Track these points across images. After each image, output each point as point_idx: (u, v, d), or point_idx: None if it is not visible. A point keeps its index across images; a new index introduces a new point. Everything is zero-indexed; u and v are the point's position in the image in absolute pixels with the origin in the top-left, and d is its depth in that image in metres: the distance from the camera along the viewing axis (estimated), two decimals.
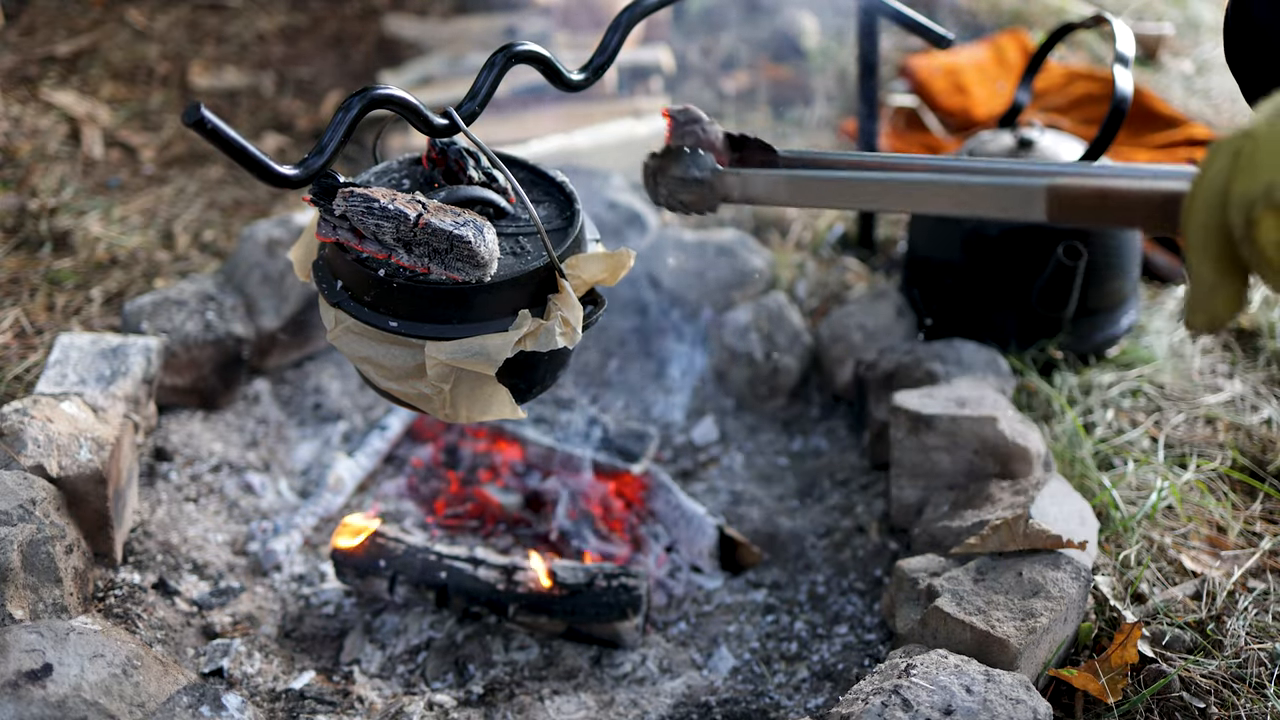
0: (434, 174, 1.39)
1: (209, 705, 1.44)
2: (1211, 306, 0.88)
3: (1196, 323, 0.89)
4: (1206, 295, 0.88)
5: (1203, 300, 0.88)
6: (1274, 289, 0.85)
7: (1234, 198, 0.83)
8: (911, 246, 2.37)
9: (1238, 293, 0.88)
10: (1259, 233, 0.81)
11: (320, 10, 3.96)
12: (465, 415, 1.28)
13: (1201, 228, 0.86)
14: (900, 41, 3.61)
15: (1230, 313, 0.89)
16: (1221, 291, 0.87)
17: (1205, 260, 0.87)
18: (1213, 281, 0.87)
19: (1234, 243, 0.85)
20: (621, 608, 1.76)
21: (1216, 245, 0.86)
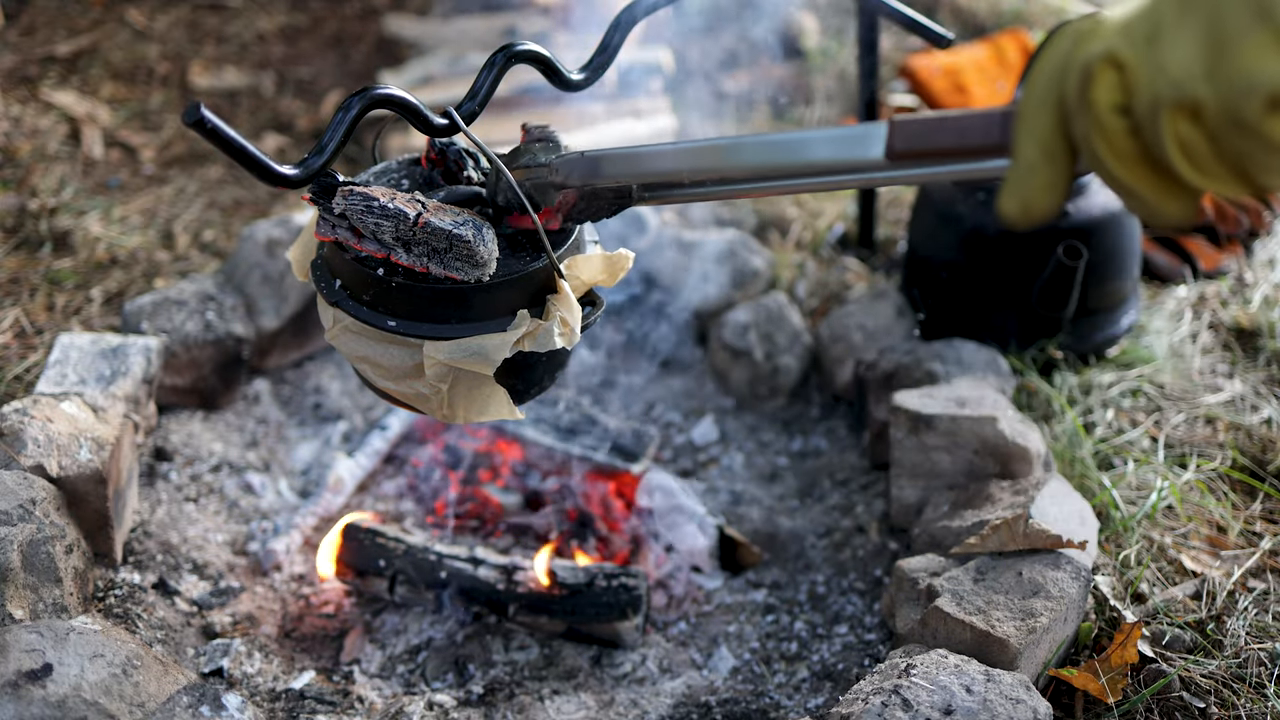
0: (433, 174, 1.39)
1: (209, 705, 1.44)
2: (1027, 190, 0.83)
3: (1008, 207, 0.84)
4: (1024, 176, 0.83)
5: (1019, 182, 0.83)
6: (1100, 171, 0.80)
7: (1073, 63, 0.80)
8: (911, 246, 2.37)
9: (1058, 179, 0.83)
10: (1094, 90, 0.77)
11: (320, 10, 3.96)
12: (463, 415, 1.28)
13: (1035, 103, 0.83)
14: (900, 41, 3.61)
15: (1045, 202, 0.83)
16: (1041, 174, 0.83)
17: (1031, 138, 0.83)
18: (1034, 161, 0.83)
19: (1065, 121, 0.81)
20: (621, 608, 1.76)
21: (1047, 122, 0.82)
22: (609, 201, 1.25)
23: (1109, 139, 0.78)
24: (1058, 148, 0.82)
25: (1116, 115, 0.77)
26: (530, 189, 1.27)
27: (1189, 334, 2.31)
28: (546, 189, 1.26)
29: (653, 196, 1.25)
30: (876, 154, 0.99)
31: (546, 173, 1.25)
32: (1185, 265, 2.52)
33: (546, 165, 1.26)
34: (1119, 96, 0.77)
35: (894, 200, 2.85)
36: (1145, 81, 0.75)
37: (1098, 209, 2.14)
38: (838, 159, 1.05)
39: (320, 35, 3.80)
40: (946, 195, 2.24)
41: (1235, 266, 2.53)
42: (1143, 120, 0.76)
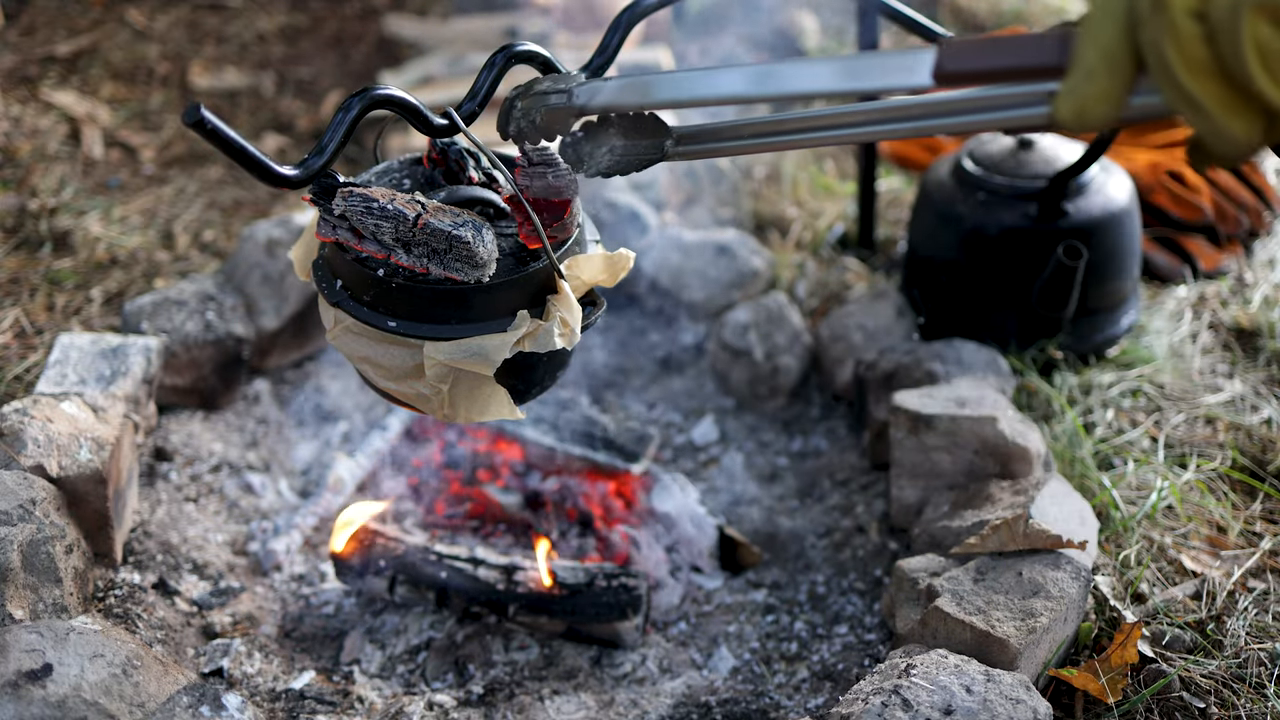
0: (434, 174, 1.39)
1: (209, 705, 1.45)
2: (1084, 95, 0.80)
3: (1062, 110, 0.81)
4: (1082, 81, 0.80)
5: (1076, 86, 0.80)
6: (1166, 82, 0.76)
7: None
8: (911, 246, 2.37)
9: (1116, 89, 0.80)
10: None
11: (320, 10, 3.96)
12: (464, 416, 1.28)
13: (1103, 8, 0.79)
14: (900, 41, 3.61)
15: (1100, 111, 0.80)
16: (1100, 81, 0.80)
17: (1094, 42, 0.79)
18: (1094, 67, 0.80)
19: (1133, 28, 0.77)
20: (621, 608, 1.76)
21: (1113, 28, 0.79)
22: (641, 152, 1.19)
23: (1181, 45, 0.74)
24: (1122, 55, 0.79)
25: (1191, 20, 0.74)
26: (546, 115, 1.20)
27: (1189, 334, 2.31)
28: (565, 117, 1.19)
29: (687, 150, 1.19)
30: (923, 78, 0.94)
31: (565, 98, 1.18)
32: (1185, 265, 2.52)
33: (567, 90, 1.18)
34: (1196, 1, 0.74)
35: (894, 200, 2.85)
36: None
37: (1098, 209, 2.14)
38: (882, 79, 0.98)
39: (320, 35, 3.80)
40: (946, 195, 2.25)
41: (1235, 266, 2.53)
42: (1220, 25, 0.73)
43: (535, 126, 1.21)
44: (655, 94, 1.13)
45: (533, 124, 1.21)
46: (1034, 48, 0.88)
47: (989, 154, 2.24)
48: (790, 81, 1.06)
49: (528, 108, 1.21)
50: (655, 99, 1.13)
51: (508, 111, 1.24)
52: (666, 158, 1.21)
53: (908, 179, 2.95)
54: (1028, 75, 0.89)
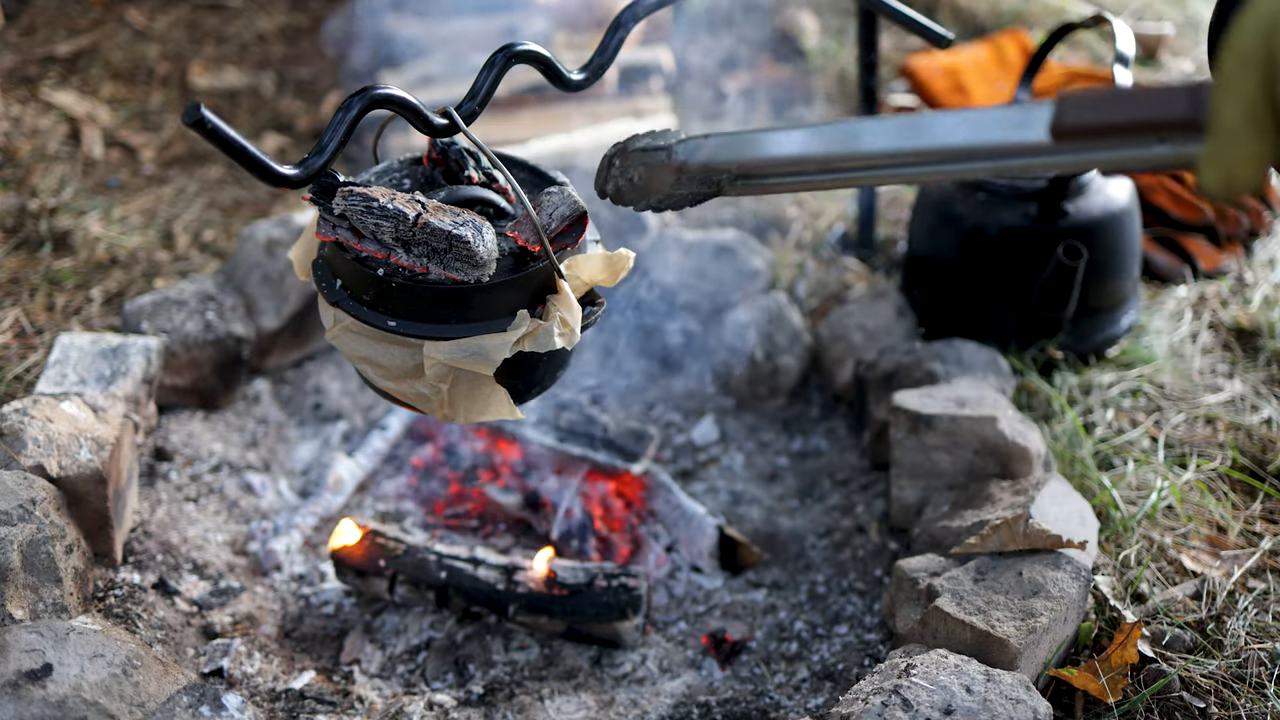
0: (434, 174, 1.39)
1: (209, 705, 1.44)
2: (1229, 161, 0.74)
3: (1210, 181, 0.75)
4: (1226, 146, 0.74)
5: (1220, 152, 0.74)
6: None
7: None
8: (911, 246, 2.37)
9: (1265, 150, 0.73)
10: None
11: (320, 10, 3.96)
12: (463, 416, 1.28)
13: (1239, 62, 0.73)
14: (900, 41, 3.61)
15: (1250, 175, 0.74)
16: (1246, 145, 0.73)
17: (1234, 101, 0.73)
18: (1237, 128, 0.73)
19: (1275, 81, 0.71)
20: (621, 608, 1.76)
21: (1253, 83, 0.72)
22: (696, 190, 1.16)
23: None
24: (1264, 113, 0.73)
25: None
26: (644, 173, 1.17)
27: (1189, 334, 2.31)
28: (662, 173, 1.17)
29: (746, 185, 1.15)
30: (1039, 135, 0.90)
31: (665, 155, 1.16)
32: (1185, 265, 2.52)
33: (666, 148, 1.16)
34: None
35: (894, 200, 2.85)
36: None
37: (1098, 209, 2.14)
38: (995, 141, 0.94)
39: (320, 35, 3.80)
40: (946, 195, 2.25)
41: (1235, 266, 2.53)
42: None
43: (634, 185, 1.19)
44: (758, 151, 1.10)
45: (630, 182, 1.19)
46: (1162, 101, 0.82)
47: None
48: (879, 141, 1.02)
49: (626, 166, 1.19)
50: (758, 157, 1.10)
51: (605, 170, 1.21)
52: (722, 193, 1.17)
53: None
54: (1155, 129, 0.83)
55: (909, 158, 1.01)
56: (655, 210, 1.22)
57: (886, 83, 3.30)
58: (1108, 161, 0.90)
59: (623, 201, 1.21)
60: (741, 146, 1.11)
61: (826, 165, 1.06)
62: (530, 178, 1.44)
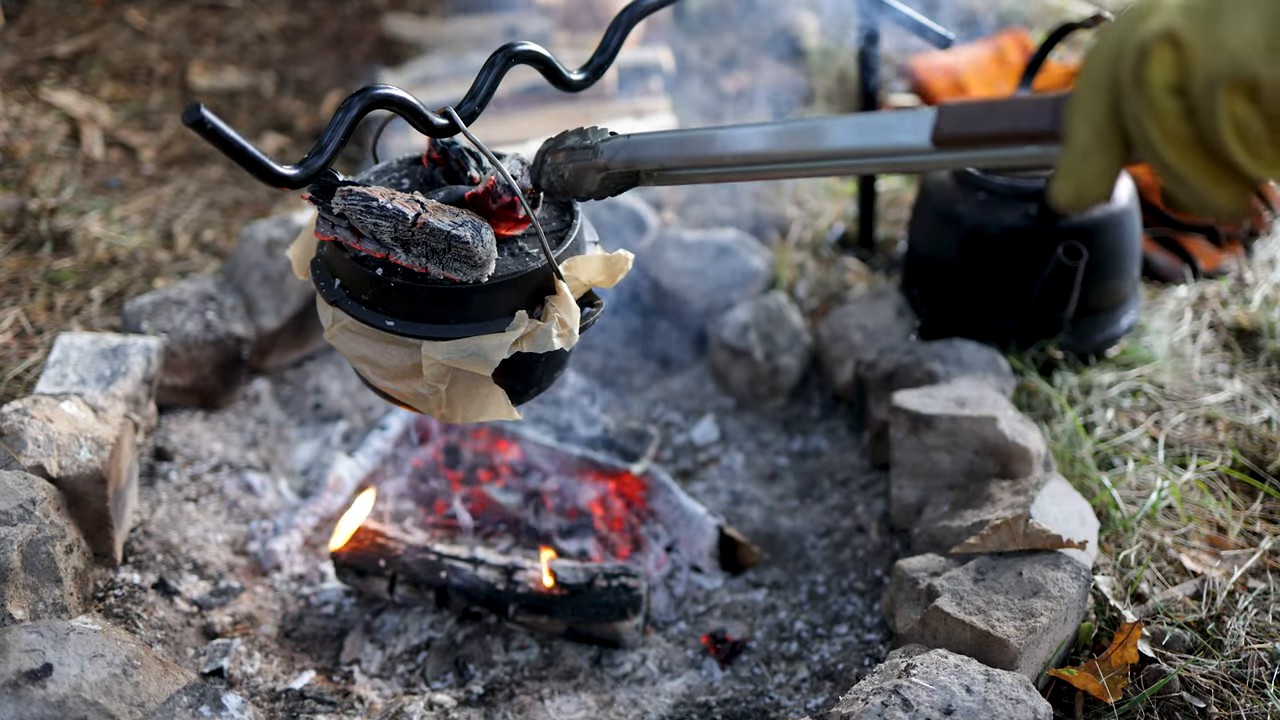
0: (434, 173, 1.39)
1: (209, 705, 1.44)
2: (1080, 175, 0.81)
3: (1061, 192, 0.82)
4: (1078, 162, 0.81)
5: (1073, 167, 0.81)
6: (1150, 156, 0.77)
7: (1129, 42, 0.77)
8: (911, 246, 2.37)
9: (1111, 167, 0.80)
10: (1149, 68, 0.74)
11: (320, 10, 3.96)
12: (462, 416, 1.28)
13: (1089, 84, 0.80)
14: (900, 41, 3.61)
15: (1098, 189, 0.81)
16: (1094, 161, 0.80)
17: (1085, 121, 0.80)
18: (1087, 147, 0.80)
19: (1119, 103, 0.78)
20: (621, 608, 1.76)
21: (1102, 105, 0.79)
22: (618, 181, 1.24)
23: (1161, 121, 0.75)
24: (1111, 133, 0.80)
25: (1171, 96, 0.75)
26: (572, 173, 1.26)
27: (1189, 334, 2.31)
28: (588, 172, 1.25)
29: (665, 177, 1.23)
30: (921, 140, 0.98)
31: (590, 155, 1.24)
32: (1185, 265, 2.51)
33: (591, 147, 1.24)
34: (1175, 76, 0.75)
35: (894, 200, 2.85)
36: (1203, 59, 0.73)
37: (1098, 209, 2.14)
38: (881, 144, 1.03)
39: (320, 35, 3.80)
40: (946, 195, 2.25)
41: (1235, 266, 2.53)
42: (1198, 101, 0.74)
43: (564, 180, 1.27)
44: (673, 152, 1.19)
45: (561, 178, 1.27)
46: (1029, 113, 0.90)
47: None
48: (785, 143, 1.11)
49: (556, 164, 1.27)
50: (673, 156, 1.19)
51: (539, 165, 1.29)
52: (641, 184, 1.25)
53: (908, 179, 2.95)
54: (1024, 140, 0.91)
55: (807, 157, 1.10)
56: (582, 201, 1.30)
57: (886, 83, 3.30)
58: (985, 161, 0.98)
59: (555, 195, 1.31)
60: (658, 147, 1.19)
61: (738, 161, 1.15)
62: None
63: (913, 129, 0.99)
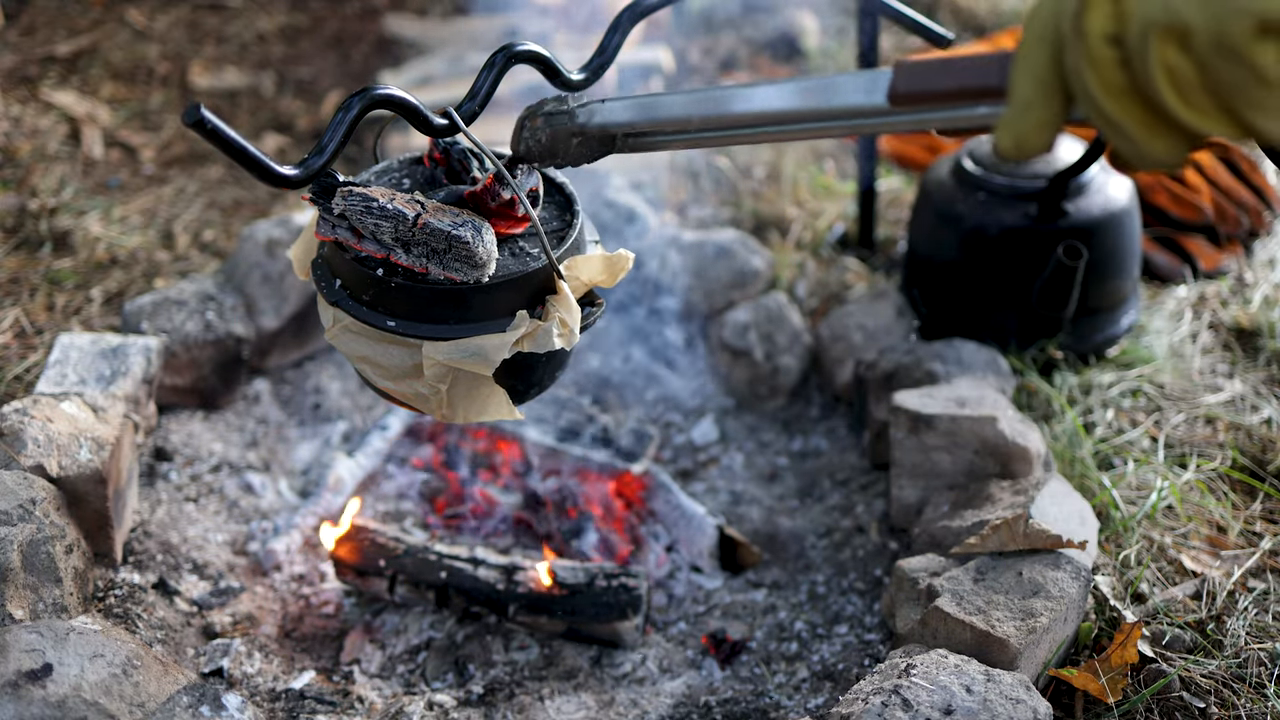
0: (435, 174, 1.39)
1: (209, 705, 1.44)
2: (1021, 127, 0.83)
3: (1002, 143, 0.84)
4: (1019, 113, 0.83)
5: (1014, 119, 0.83)
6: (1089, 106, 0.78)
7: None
8: (911, 246, 2.37)
9: (1052, 118, 0.82)
10: (1087, 18, 0.76)
11: (320, 10, 3.96)
12: (462, 416, 1.28)
13: (1033, 38, 0.81)
14: (900, 41, 3.61)
15: (1038, 140, 0.83)
16: (1035, 112, 0.82)
17: (1027, 73, 0.82)
18: (1029, 98, 0.82)
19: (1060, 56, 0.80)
20: (621, 608, 1.76)
21: (1043, 57, 0.81)
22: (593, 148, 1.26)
23: (1099, 70, 0.76)
24: (1053, 84, 0.81)
25: (1107, 45, 0.76)
26: (549, 137, 1.27)
27: (1189, 334, 2.31)
28: (565, 137, 1.26)
29: (638, 143, 1.26)
30: (879, 100, 1.00)
31: (567, 119, 1.26)
32: (1185, 265, 2.51)
33: (567, 111, 1.26)
34: (1112, 25, 0.76)
35: (894, 200, 2.85)
36: (1137, 6, 0.74)
37: (1098, 209, 2.14)
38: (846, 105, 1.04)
39: (320, 35, 3.80)
40: (946, 195, 2.25)
41: (1235, 266, 2.53)
42: (1133, 50, 0.75)
43: (541, 144, 1.28)
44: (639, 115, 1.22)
45: (539, 143, 1.28)
46: (978, 71, 0.92)
47: (989, 154, 2.24)
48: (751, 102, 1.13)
49: (535, 129, 1.28)
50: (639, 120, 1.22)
51: (518, 131, 1.30)
52: (616, 150, 1.27)
53: (908, 179, 2.95)
54: (974, 97, 0.93)
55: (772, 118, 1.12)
56: (558, 167, 1.32)
57: None
58: (940, 121, 1.00)
59: (533, 160, 1.32)
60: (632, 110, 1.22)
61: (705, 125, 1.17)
62: None
63: (868, 89, 1.01)
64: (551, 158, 1.29)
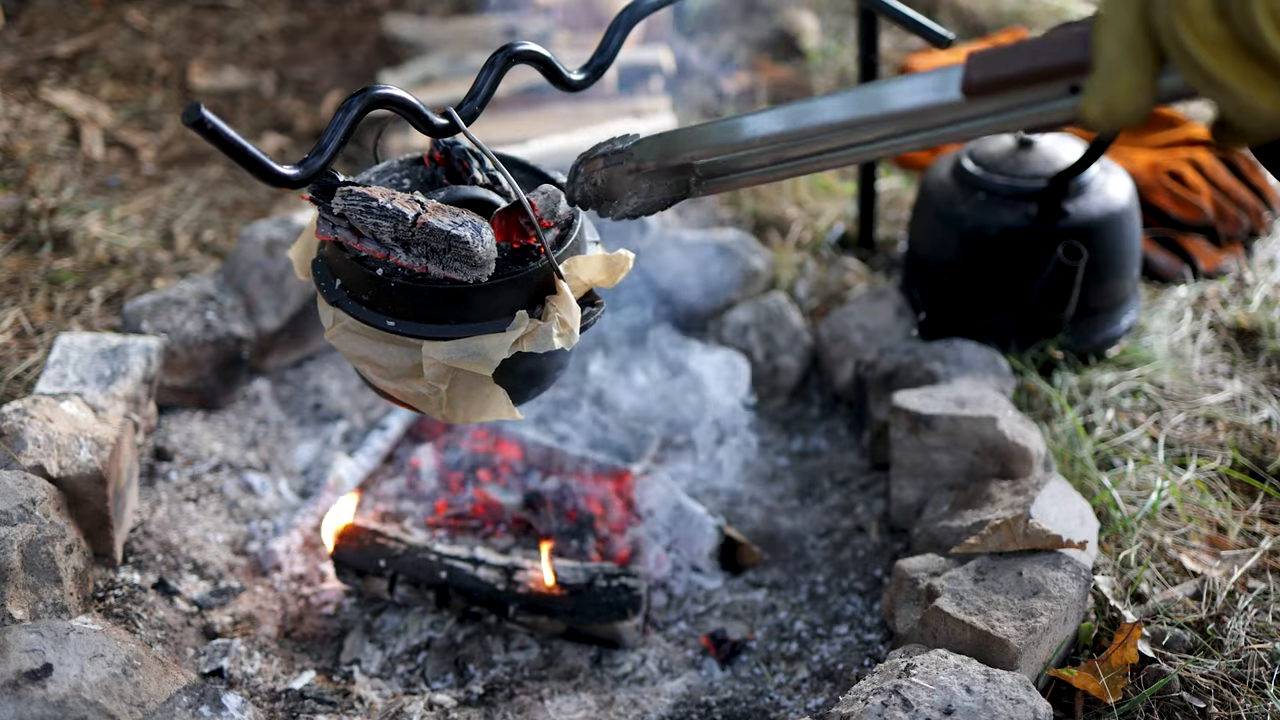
0: (436, 173, 1.39)
1: (209, 705, 1.44)
2: (1110, 92, 0.78)
3: (1090, 111, 0.80)
4: (1106, 77, 0.78)
5: (1102, 84, 0.79)
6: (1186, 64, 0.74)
7: None
8: (911, 246, 2.37)
9: (1142, 80, 0.77)
10: None
11: (320, 10, 3.96)
12: (462, 416, 1.28)
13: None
14: (900, 41, 3.61)
15: (1130, 105, 0.78)
16: (1124, 75, 0.77)
17: (1112, 35, 0.77)
18: (1116, 60, 0.77)
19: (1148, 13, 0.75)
20: (621, 608, 1.76)
21: (1129, 16, 0.77)
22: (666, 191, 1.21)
23: (1194, 22, 0.72)
24: (1141, 45, 0.76)
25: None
26: (606, 176, 1.23)
27: (1189, 334, 2.31)
28: (623, 177, 1.23)
29: (710, 184, 1.21)
30: (953, 94, 0.94)
31: (623, 158, 1.22)
32: (1185, 265, 2.51)
33: (624, 150, 1.22)
34: None
35: (894, 200, 2.85)
36: None
37: (1098, 209, 2.14)
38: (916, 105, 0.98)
39: (320, 35, 3.80)
40: (946, 195, 2.25)
41: (1235, 266, 2.53)
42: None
43: (598, 189, 1.25)
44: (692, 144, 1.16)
45: (595, 186, 1.25)
46: (1058, 47, 0.86)
47: (989, 154, 2.24)
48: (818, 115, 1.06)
49: (590, 172, 1.25)
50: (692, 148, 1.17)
51: (573, 178, 1.27)
52: (691, 195, 1.22)
53: (908, 179, 2.95)
54: (1055, 76, 0.87)
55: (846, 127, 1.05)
56: (631, 217, 1.26)
57: None
58: (1020, 120, 0.93)
59: (592, 206, 1.27)
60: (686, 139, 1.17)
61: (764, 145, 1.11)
62: (530, 178, 1.44)
63: (938, 85, 0.95)
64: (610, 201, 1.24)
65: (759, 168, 1.16)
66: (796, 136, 1.09)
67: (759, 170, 1.17)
